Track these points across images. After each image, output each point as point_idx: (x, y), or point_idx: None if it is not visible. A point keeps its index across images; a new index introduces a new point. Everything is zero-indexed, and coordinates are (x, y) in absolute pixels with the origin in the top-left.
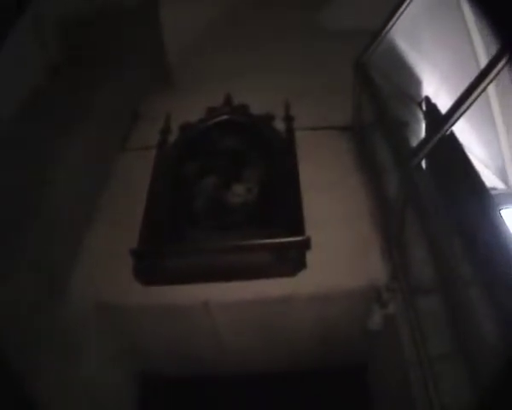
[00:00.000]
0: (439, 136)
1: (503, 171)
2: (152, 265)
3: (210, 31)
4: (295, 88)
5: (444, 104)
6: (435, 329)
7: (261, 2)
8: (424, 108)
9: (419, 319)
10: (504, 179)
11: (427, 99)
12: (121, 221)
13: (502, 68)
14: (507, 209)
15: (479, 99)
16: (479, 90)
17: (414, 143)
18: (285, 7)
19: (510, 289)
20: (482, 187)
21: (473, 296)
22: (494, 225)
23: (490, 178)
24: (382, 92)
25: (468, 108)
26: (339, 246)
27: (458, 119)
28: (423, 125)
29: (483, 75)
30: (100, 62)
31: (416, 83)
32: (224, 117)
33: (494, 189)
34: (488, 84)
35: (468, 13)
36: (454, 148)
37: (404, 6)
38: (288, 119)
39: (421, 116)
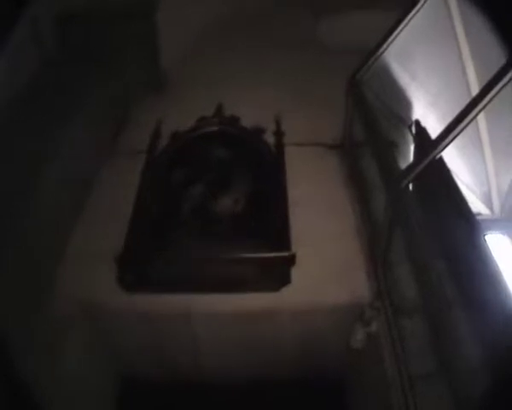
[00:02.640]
0: (427, 161)
1: (489, 197)
2: (135, 273)
3: (205, 40)
4: (287, 102)
5: (432, 126)
6: (417, 349)
7: (256, 16)
8: (414, 130)
9: (401, 339)
10: (489, 205)
11: (417, 122)
12: (108, 224)
13: (493, 97)
14: (491, 235)
15: None
16: (469, 117)
17: (402, 164)
18: (279, 22)
19: (492, 312)
20: (468, 212)
21: (455, 318)
22: (478, 250)
23: (475, 204)
24: (374, 112)
25: (457, 134)
26: (324, 262)
27: (448, 145)
28: (412, 148)
29: (474, 103)
30: (93, 63)
31: (407, 104)
32: (215, 127)
33: (479, 214)
34: (478, 112)
35: (462, 36)
36: (441, 172)
37: (399, 28)
38: (279, 133)
39: (410, 138)
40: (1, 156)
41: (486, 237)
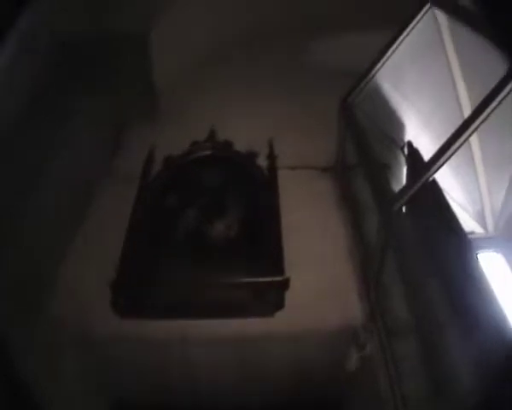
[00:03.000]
0: (420, 183)
1: (482, 215)
2: (129, 298)
3: (198, 65)
4: (279, 126)
5: (425, 146)
6: (411, 369)
7: (248, 40)
8: (406, 152)
9: (395, 360)
10: (483, 224)
11: (410, 143)
12: (100, 250)
13: (485, 118)
14: (485, 253)
15: None
16: (462, 139)
17: (395, 185)
18: (271, 47)
19: (484, 332)
20: (460, 231)
21: (448, 339)
22: (470, 268)
23: (468, 223)
24: (366, 134)
25: (450, 156)
26: (317, 286)
27: (441, 167)
28: (405, 169)
29: (466, 124)
30: (86, 86)
31: (399, 126)
32: (208, 152)
33: (472, 233)
34: (471, 134)
35: (453, 57)
36: (434, 194)
37: (390, 50)
38: (272, 157)
39: (403, 159)
40: None
41: (480, 256)
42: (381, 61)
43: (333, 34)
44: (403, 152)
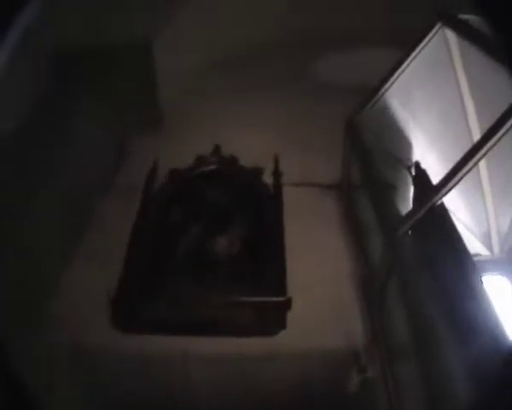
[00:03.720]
0: (427, 207)
1: (488, 237)
2: (130, 313)
3: (203, 79)
4: (283, 142)
5: (431, 166)
6: (412, 393)
7: (251, 54)
8: (413, 172)
9: (396, 384)
10: (489, 246)
11: (417, 164)
12: (101, 263)
13: (495, 143)
14: (490, 276)
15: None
16: (470, 164)
17: (401, 206)
18: (275, 61)
19: (489, 355)
20: (465, 254)
21: (451, 362)
22: (474, 292)
23: (474, 244)
24: (372, 153)
25: (458, 181)
26: (319, 306)
27: (449, 191)
28: (411, 190)
29: (475, 149)
30: (88, 99)
31: (406, 145)
32: (213, 167)
33: (478, 255)
34: (480, 158)
35: (462, 78)
36: (442, 216)
37: (399, 70)
38: (277, 174)
39: (409, 180)
40: None
41: (485, 278)
42: (390, 80)
43: (339, 50)
44: (410, 173)
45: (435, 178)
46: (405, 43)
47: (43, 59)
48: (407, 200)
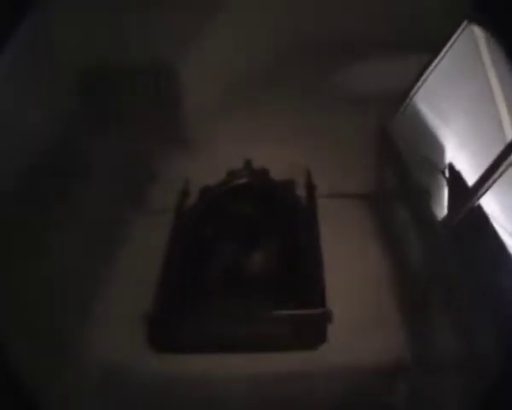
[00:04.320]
0: (465, 210)
1: None
2: (166, 332)
3: (231, 95)
4: (315, 154)
5: (465, 168)
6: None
7: (281, 68)
8: (447, 175)
9: (441, 399)
10: None
11: (451, 166)
12: (133, 285)
13: None
14: None
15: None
16: (507, 162)
17: (437, 212)
18: (300, 72)
19: None
20: (507, 257)
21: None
22: None
23: None
24: (405, 159)
25: (496, 180)
26: (359, 319)
27: (487, 191)
28: (446, 193)
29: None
30: (114, 120)
31: (438, 148)
32: (244, 180)
33: None
34: None
35: (493, 75)
36: (480, 218)
37: (428, 71)
38: (310, 186)
39: (444, 183)
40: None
41: None
42: (419, 82)
43: (365, 58)
44: (444, 176)
45: (468, 179)
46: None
47: (69, 78)
48: (443, 204)
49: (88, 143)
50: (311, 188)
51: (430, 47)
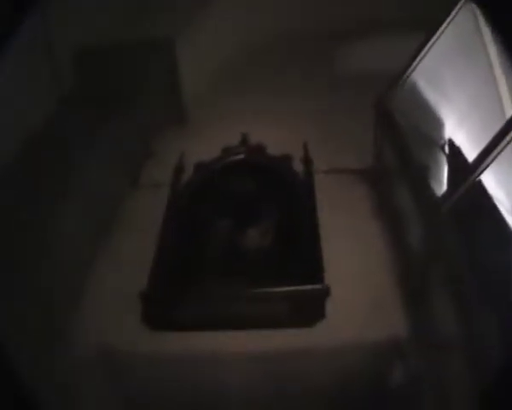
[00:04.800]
0: (465, 186)
1: None
2: (161, 310)
3: (226, 71)
4: (312, 130)
5: (464, 144)
6: (459, 388)
7: (275, 44)
8: (447, 151)
9: (441, 376)
10: None
11: (451, 142)
12: (129, 262)
13: None
14: None
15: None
16: (508, 138)
17: (437, 188)
18: (299, 50)
19: None
20: (507, 233)
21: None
22: None
23: None
24: (404, 135)
25: (496, 156)
26: (357, 297)
27: (487, 167)
28: (445, 170)
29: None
30: (113, 98)
31: (437, 124)
32: (241, 157)
33: None
34: None
35: (493, 52)
36: (480, 195)
37: (426, 47)
38: (307, 161)
39: (443, 160)
40: (17, 194)
41: None
42: (417, 59)
43: (364, 36)
44: (443, 151)
45: (469, 156)
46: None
47: (65, 58)
48: (442, 180)
49: (85, 118)
50: (308, 162)
51: (428, 24)
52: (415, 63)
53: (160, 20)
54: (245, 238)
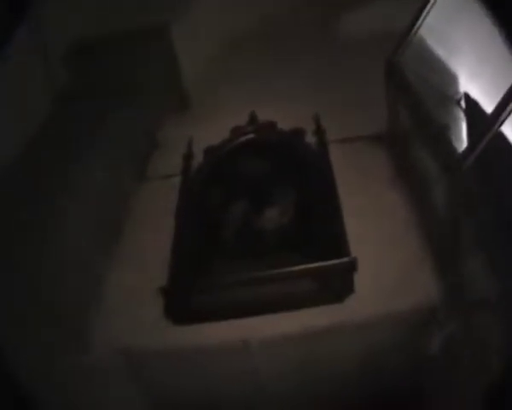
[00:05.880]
0: (487, 138)
1: None
2: (183, 302)
3: (226, 52)
4: (321, 101)
5: (480, 97)
6: (496, 343)
7: (279, 19)
8: (464, 105)
9: (479, 337)
10: None
11: (467, 96)
12: (144, 257)
13: None
14: None
15: None
16: None
17: (457, 145)
18: (299, 20)
19: None
20: None
21: None
22: None
23: None
24: (418, 94)
25: None
26: (385, 267)
27: (506, 118)
28: (463, 125)
29: None
30: (113, 90)
31: (451, 80)
32: (251, 136)
33: None
34: None
35: None
36: (503, 147)
37: (430, 4)
38: (320, 132)
39: (460, 115)
40: (20, 191)
41: None
42: (423, 16)
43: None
44: (460, 106)
45: (487, 109)
46: None
47: (61, 50)
48: (461, 137)
49: (86, 112)
50: (321, 133)
51: None
52: (420, 20)
53: (152, 5)
54: (263, 219)
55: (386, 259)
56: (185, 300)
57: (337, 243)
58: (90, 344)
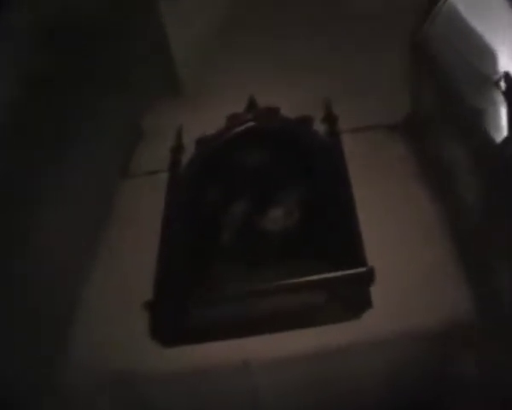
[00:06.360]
0: None
1: None
2: (173, 319)
3: (219, 30)
4: (331, 84)
5: None
6: None
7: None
8: (503, 87)
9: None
10: None
11: (507, 75)
12: (128, 266)
13: None
14: None
15: None
16: None
17: (494, 134)
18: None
19: None
20: None
21: None
22: None
23: None
24: (448, 75)
25: None
26: (406, 277)
27: None
28: (503, 110)
29: None
30: (95, 75)
31: (487, 58)
32: (250, 124)
33: None
34: None
35: None
36: None
37: None
38: (331, 119)
39: (499, 98)
40: None
41: None
42: None
43: None
44: (499, 87)
45: None
46: None
47: (42, 33)
48: (499, 123)
49: (65, 99)
50: (332, 121)
51: None
52: None
53: None
54: (265, 221)
55: (407, 267)
56: (174, 317)
57: (352, 250)
58: (68, 371)
